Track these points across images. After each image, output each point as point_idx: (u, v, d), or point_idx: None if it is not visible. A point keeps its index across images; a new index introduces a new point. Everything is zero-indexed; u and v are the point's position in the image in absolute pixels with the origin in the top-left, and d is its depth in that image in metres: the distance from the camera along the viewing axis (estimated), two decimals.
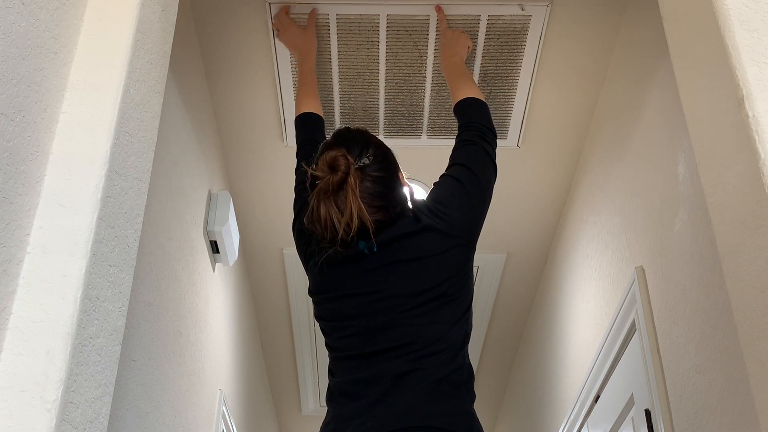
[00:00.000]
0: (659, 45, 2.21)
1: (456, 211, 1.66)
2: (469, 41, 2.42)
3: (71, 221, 1.22)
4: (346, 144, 1.64)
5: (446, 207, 1.66)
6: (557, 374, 3.44)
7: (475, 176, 1.74)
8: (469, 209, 1.69)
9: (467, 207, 1.69)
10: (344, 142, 1.66)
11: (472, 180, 1.73)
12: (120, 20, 1.41)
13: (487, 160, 1.80)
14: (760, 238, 1.23)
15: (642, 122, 2.40)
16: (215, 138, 2.93)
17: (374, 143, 1.69)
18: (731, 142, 1.33)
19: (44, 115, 1.25)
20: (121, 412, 1.85)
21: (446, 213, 1.65)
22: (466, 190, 1.70)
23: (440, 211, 1.65)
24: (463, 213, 1.67)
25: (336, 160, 1.58)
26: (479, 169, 1.76)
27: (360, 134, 1.71)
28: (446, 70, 2.30)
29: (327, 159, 1.59)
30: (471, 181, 1.73)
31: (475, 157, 1.79)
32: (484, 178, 1.75)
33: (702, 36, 1.43)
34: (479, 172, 1.75)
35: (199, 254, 2.72)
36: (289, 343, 4.37)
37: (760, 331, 1.23)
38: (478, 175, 1.74)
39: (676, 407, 2.13)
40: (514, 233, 3.51)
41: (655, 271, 2.29)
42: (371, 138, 1.71)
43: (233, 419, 3.38)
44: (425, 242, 1.62)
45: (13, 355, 1.12)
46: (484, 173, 1.77)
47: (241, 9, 2.50)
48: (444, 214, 1.65)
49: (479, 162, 1.78)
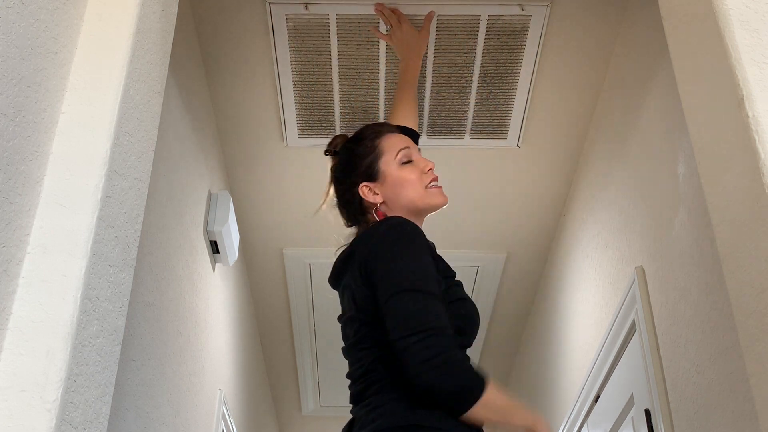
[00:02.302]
0: (659, 45, 2.20)
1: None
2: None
3: (71, 221, 1.22)
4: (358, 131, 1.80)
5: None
6: (557, 374, 3.44)
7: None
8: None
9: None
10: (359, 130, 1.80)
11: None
12: (120, 20, 1.41)
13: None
14: (760, 238, 1.23)
15: (642, 122, 2.40)
16: (215, 138, 2.93)
17: (356, 139, 1.77)
18: (731, 142, 1.33)
19: (44, 115, 1.25)
20: (121, 412, 1.85)
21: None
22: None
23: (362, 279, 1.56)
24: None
25: (335, 138, 1.76)
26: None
27: (366, 128, 1.78)
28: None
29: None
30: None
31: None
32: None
33: (702, 36, 1.43)
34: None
35: (199, 254, 2.72)
36: (289, 343, 4.37)
37: (760, 331, 1.23)
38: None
39: (676, 407, 2.13)
40: (514, 233, 3.51)
41: (655, 271, 2.28)
42: (363, 133, 1.77)
43: (233, 419, 3.38)
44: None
45: (13, 355, 1.12)
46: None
47: (241, 9, 2.50)
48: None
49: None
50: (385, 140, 1.74)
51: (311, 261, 3.65)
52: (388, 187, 1.70)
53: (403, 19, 2.42)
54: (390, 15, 2.42)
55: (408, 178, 1.69)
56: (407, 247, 1.51)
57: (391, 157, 1.71)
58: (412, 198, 1.68)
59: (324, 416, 5.21)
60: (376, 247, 1.53)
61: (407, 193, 1.68)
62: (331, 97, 2.75)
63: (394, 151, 1.72)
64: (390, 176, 1.70)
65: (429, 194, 1.69)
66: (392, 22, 2.42)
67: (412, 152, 1.73)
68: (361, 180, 1.73)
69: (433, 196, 1.70)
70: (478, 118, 2.84)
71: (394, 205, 1.70)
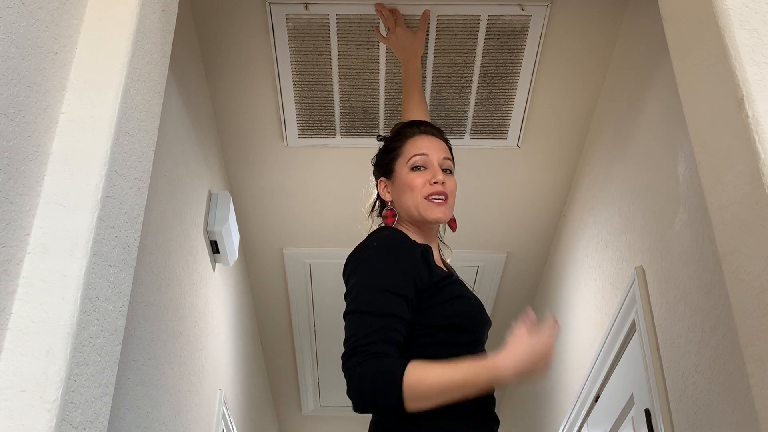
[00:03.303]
0: (659, 45, 2.20)
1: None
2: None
3: (71, 221, 1.22)
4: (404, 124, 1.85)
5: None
6: (557, 374, 3.44)
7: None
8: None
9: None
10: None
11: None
12: (120, 20, 1.41)
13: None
14: (760, 238, 1.23)
15: (642, 122, 2.40)
16: (215, 138, 2.93)
17: (394, 133, 1.79)
18: (731, 142, 1.32)
19: (44, 115, 1.25)
20: (121, 412, 1.85)
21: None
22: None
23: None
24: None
25: (394, 125, 1.86)
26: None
27: (407, 125, 1.80)
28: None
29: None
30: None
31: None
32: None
33: (702, 36, 1.43)
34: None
35: (199, 254, 2.72)
36: (289, 343, 4.37)
37: (760, 331, 1.23)
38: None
39: (676, 407, 2.13)
40: (514, 233, 3.51)
41: (655, 271, 2.29)
42: (401, 129, 1.79)
43: (233, 419, 3.38)
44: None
45: (13, 355, 1.12)
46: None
47: (241, 9, 2.50)
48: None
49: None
50: (412, 142, 1.72)
51: (311, 261, 3.65)
52: (396, 188, 1.71)
53: (398, 22, 2.42)
54: (388, 16, 2.42)
55: (411, 183, 1.67)
56: (371, 262, 1.53)
57: (406, 159, 1.70)
58: (409, 205, 1.67)
59: (324, 416, 5.21)
60: (350, 263, 1.57)
61: (406, 198, 1.68)
62: (331, 97, 2.75)
63: (410, 154, 1.70)
64: (398, 178, 1.71)
65: (425, 205, 1.66)
66: (389, 25, 2.43)
67: (429, 160, 1.69)
68: (381, 174, 1.76)
69: (429, 208, 1.65)
70: (478, 118, 2.84)
71: (400, 207, 1.70)
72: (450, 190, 1.68)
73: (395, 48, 2.43)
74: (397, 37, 2.40)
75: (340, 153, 3.04)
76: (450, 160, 1.73)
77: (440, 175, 1.67)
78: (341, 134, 2.92)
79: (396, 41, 2.41)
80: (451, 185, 1.70)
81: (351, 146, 2.98)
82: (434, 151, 1.70)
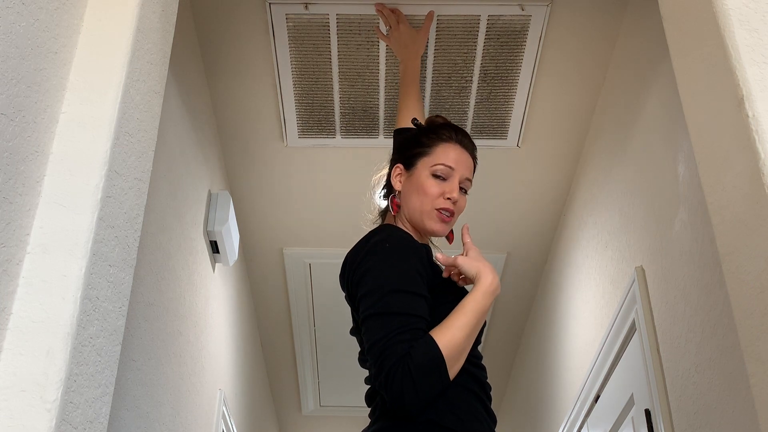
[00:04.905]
0: (659, 45, 2.20)
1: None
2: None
3: (71, 221, 1.22)
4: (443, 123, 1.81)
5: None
6: (557, 374, 3.44)
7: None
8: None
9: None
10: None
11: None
12: (120, 20, 1.41)
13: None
14: (760, 238, 1.23)
15: (642, 122, 2.40)
16: (215, 138, 2.93)
17: (431, 127, 1.76)
18: (731, 142, 1.32)
19: (44, 115, 1.25)
20: (121, 412, 1.85)
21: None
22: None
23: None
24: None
25: (435, 116, 1.84)
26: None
27: (446, 127, 1.76)
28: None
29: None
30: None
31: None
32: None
33: (702, 36, 1.43)
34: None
35: (199, 254, 2.72)
36: (289, 343, 4.37)
37: (760, 331, 1.23)
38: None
39: (676, 407, 2.13)
40: (514, 233, 3.51)
41: (655, 271, 2.29)
42: (439, 129, 1.74)
43: (233, 419, 3.38)
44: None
45: (13, 355, 1.12)
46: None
47: (241, 9, 2.50)
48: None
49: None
50: (444, 148, 1.70)
51: (311, 261, 3.65)
52: (410, 184, 1.70)
53: (401, 20, 2.42)
54: (389, 15, 2.42)
55: (426, 189, 1.66)
56: (387, 263, 1.52)
57: (431, 162, 1.69)
58: (416, 207, 1.67)
59: (324, 416, 5.21)
60: (360, 265, 1.55)
61: (416, 200, 1.67)
62: (331, 97, 2.75)
63: (438, 160, 1.68)
64: (416, 176, 1.69)
65: (429, 214, 1.65)
66: (391, 23, 2.43)
67: (453, 174, 1.68)
68: (400, 161, 1.74)
69: (432, 219, 1.66)
70: (478, 118, 2.84)
71: (405, 203, 1.70)
72: (458, 210, 1.69)
73: (396, 46, 2.43)
74: (400, 34, 2.40)
75: (340, 153, 3.04)
76: (470, 181, 1.73)
77: (455, 194, 1.66)
78: (341, 134, 2.92)
79: (398, 38, 2.41)
80: (461, 205, 1.70)
81: (351, 146, 2.98)
82: (461, 168, 1.69)
